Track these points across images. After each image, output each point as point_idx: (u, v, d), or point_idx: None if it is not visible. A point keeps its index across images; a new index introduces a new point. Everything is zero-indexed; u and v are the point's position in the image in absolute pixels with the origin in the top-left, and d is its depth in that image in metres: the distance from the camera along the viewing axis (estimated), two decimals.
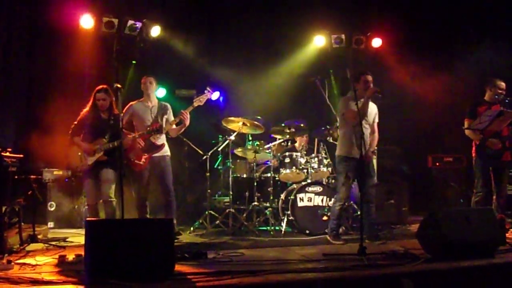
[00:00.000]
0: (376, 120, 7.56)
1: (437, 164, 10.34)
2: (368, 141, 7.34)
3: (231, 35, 10.61)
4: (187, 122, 7.53)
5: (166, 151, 7.67)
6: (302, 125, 8.91)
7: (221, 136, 9.18)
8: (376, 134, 7.59)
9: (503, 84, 7.75)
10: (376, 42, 11.09)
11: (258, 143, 8.83)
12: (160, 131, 7.26)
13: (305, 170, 8.61)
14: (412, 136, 10.88)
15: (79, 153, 7.06)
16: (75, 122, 7.15)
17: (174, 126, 7.64)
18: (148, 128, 7.23)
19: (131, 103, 7.76)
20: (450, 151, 10.39)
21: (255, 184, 8.71)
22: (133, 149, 7.46)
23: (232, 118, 8.50)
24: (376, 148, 7.74)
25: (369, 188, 7.34)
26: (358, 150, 6.78)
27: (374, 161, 8.02)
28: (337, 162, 7.46)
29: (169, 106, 7.85)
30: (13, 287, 4.49)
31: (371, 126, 7.50)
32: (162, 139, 7.62)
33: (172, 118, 7.70)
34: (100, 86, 7.14)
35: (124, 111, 7.67)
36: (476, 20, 10.46)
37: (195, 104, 7.61)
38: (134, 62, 10.18)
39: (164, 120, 7.67)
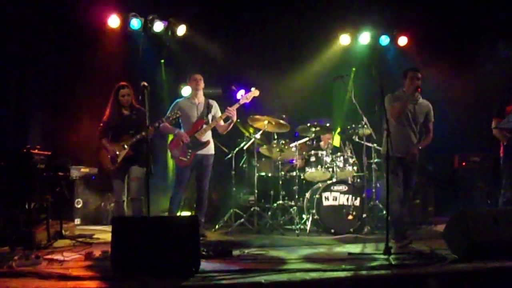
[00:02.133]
0: (431, 119, 7.26)
1: (464, 163, 10.23)
2: (414, 140, 7.12)
3: (257, 34, 10.61)
4: (235, 118, 7.63)
5: (211, 148, 7.74)
6: (327, 124, 8.87)
7: (246, 134, 9.19)
8: (431, 134, 7.27)
9: None
10: (402, 41, 11.03)
11: (283, 141, 8.83)
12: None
13: (330, 169, 8.58)
14: (438, 135, 10.73)
15: (109, 156, 7.16)
16: (101, 124, 7.23)
17: (222, 123, 7.69)
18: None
19: (177, 100, 7.85)
20: (477, 150, 10.26)
21: (280, 182, 8.71)
22: (178, 145, 7.55)
23: (257, 117, 8.52)
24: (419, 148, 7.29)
25: (406, 190, 7.09)
26: (402, 148, 6.80)
27: None
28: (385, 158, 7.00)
29: (215, 103, 7.92)
30: (42, 282, 4.55)
31: (425, 126, 7.24)
32: (207, 136, 7.68)
33: (219, 115, 7.75)
34: (122, 83, 7.22)
35: (170, 108, 7.75)
36: (504, 17, 10.32)
37: (241, 102, 7.71)
38: (162, 61, 10.25)
39: (210, 117, 7.73)
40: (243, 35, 10.77)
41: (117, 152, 7.06)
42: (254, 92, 7.86)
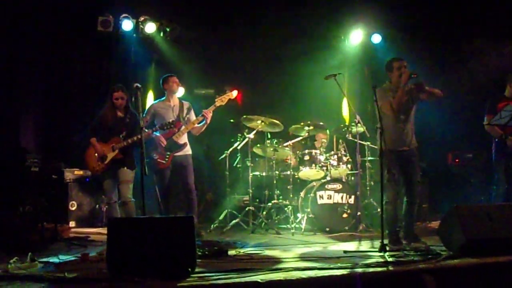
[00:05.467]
0: (424, 88, 6.68)
1: (457, 160, 10.26)
2: (409, 134, 6.74)
3: (250, 34, 10.60)
4: (209, 121, 7.60)
5: (188, 150, 7.74)
6: (321, 123, 8.89)
7: (240, 134, 9.19)
8: (436, 90, 6.75)
9: None
10: (395, 38, 11.01)
11: (276, 141, 8.84)
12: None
13: (324, 168, 8.60)
14: (431, 132, 10.78)
15: (96, 154, 7.05)
16: (93, 123, 7.15)
17: (196, 125, 7.67)
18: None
19: (152, 103, 7.81)
20: (470, 147, 10.29)
21: (275, 182, 8.72)
22: (155, 148, 7.53)
23: (251, 117, 8.53)
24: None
25: (413, 186, 6.79)
26: (400, 142, 6.64)
27: None
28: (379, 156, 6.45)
29: (190, 104, 7.91)
30: (37, 285, 4.54)
31: (425, 92, 6.71)
32: (184, 138, 7.69)
33: (194, 117, 7.76)
34: (117, 85, 7.17)
35: (146, 112, 7.72)
36: (497, 14, 10.34)
37: (217, 104, 7.67)
38: (154, 62, 10.23)
39: (186, 119, 7.72)
40: (236, 35, 10.77)
41: (106, 153, 6.99)
42: (230, 94, 7.82)
